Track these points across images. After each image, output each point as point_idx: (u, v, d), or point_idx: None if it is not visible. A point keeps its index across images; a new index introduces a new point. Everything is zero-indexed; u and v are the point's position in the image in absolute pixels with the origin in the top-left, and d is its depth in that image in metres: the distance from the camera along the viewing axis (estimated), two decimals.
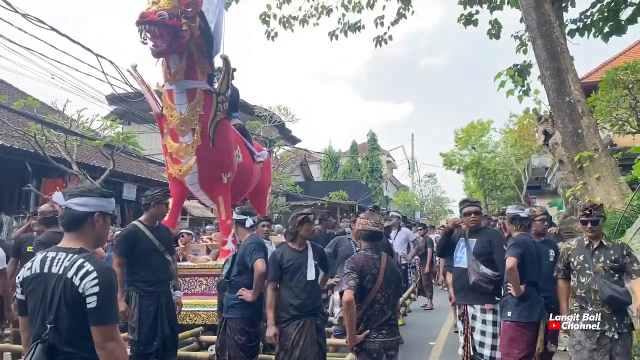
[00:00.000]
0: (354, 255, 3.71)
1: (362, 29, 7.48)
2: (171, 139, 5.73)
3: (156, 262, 4.51)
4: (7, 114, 11.99)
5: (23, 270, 2.22)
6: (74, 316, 2.06)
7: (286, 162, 25.06)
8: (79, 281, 2.06)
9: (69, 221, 2.22)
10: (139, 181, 16.19)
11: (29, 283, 2.17)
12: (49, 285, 2.10)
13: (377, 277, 3.46)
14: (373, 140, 42.45)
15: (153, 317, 4.38)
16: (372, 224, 3.62)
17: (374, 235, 3.62)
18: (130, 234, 4.56)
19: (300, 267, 4.13)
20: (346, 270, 3.47)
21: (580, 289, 3.94)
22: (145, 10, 5.01)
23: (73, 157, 11.57)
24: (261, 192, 7.75)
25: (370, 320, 3.44)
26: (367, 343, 3.42)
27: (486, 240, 4.55)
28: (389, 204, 43.28)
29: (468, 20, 7.88)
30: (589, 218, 3.92)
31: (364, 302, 3.43)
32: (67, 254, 2.15)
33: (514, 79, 7.48)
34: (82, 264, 2.10)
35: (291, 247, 4.27)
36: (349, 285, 3.36)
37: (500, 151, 26.59)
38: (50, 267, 2.13)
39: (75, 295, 2.05)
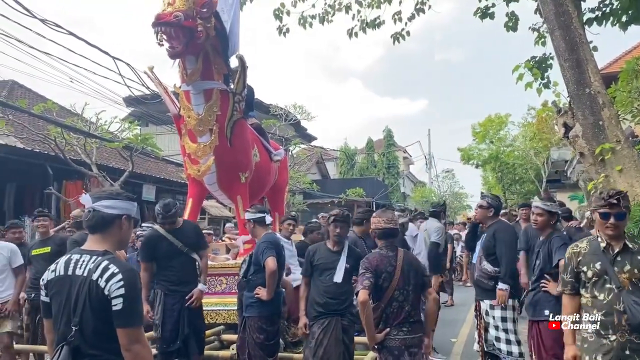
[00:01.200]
0: (368, 254, 3.69)
1: (381, 25, 7.39)
2: (189, 140, 5.77)
3: (179, 263, 4.65)
4: (27, 118, 12.18)
5: (47, 272, 2.23)
6: (99, 318, 2.08)
7: (302, 160, 25.07)
8: (105, 283, 2.08)
9: (96, 223, 2.24)
10: (158, 182, 16.33)
11: (53, 285, 2.19)
12: (74, 287, 2.12)
13: (394, 274, 3.43)
14: (389, 136, 42.26)
15: (177, 315, 4.48)
16: (384, 222, 3.60)
17: (387, 233, 3.61)
18: (148, 240, 4.78)
19: (330, 268, 4.14)
20: (361, 270, 3.47)
21: (598, 309, 2.87)
22: (160, 11, 5.05)
23: (93, 159, 11.71)
24: (279, 190, 7.77)
25: (389, 318, 3.43)
26: (388, 341, 3.40)
27: (490, 235, 4.55)
28: (406, 200, 43.10)
29: (484, 13, 7.77)
30: (614, 210, 2.88)
31: (382, 301, 3.42)
32: (91, 256, 2.17)
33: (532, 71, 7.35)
34: (107, 266, 2.12)
35: (327, 246, 4.31)
36: (364, 285, 3.35)
37: (518, 145, 26.25)
38: (74, 269, 2.15)
39: (101, 297, 2.07)
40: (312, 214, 19.61)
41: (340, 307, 4.11)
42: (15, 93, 16.30)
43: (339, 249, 4.25)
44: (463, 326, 8.19)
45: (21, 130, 12.02)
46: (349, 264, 4.17)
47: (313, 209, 22.58)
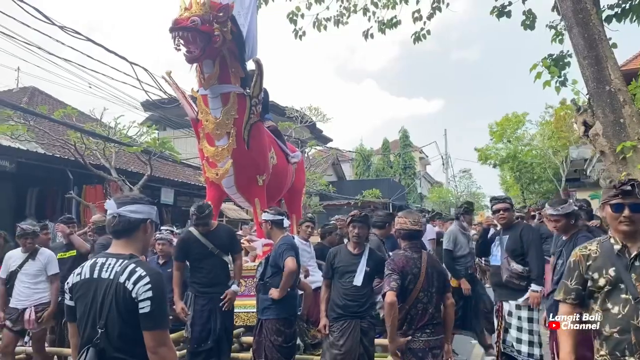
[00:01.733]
0: (393, 255, 3.68)
1: (398, 25, 7.35)
2: (207, 143, 5.82)
3: (210, 265, 4.79)
4: (48, 124, 12.37)
5: (72, 276, 2.26)
6: (125, 321, 2.10)
7: (318, 162, 25.10)
8: (132, 286, 2.10)
9: (122, 228, 2.26)
10: (176, 185, 16.47)
11: (78, 288, 2.21)
12: (100, 290, 2.14)
13: (419, 276, 3.44)
14: (405, 137, 42.11)
15: (207, 316, 4.58)
16: (410, 223, 3.60)
17: (413, 234, 3.61)
18: (183, 241, 4.93)
19: (350, 271, 4.14)
20: (387, 271, 3.47)
21: (611, 324, 2.38)
22: (177, 16, 5.10)
23: (112, 164, 11.85)
24: (296, 193, 7.79)
25: (413, 320, 3.43)
26: (412, 342, 3.41)
27: (517, 236, 4.49)
28: (423, 200, 42.88)
29: (501, 12, 7.69)
30: (628, 199, 2.41)
31: (407, 302, 3.43)
32: (117, 259, 2.20)
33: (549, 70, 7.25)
34: (134, 269, 2.14)
35: (347, 248, 4.32)
36: (391, 286, 3.35)
37: (536, 144, 25.98)
38: (100, 273, 2.17)
39: (128, 300, 2.09)
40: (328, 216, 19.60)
41: (360, 310, 4.11)
42: (35, 99, 16.59)
43: (360, 251, 4.25)
44: None
45: (42, 135, 12.21)
46: (369, 267, 4.16)
47: (329, 211, 22.57)
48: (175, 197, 16.42)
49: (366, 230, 4.38)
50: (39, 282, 5.23)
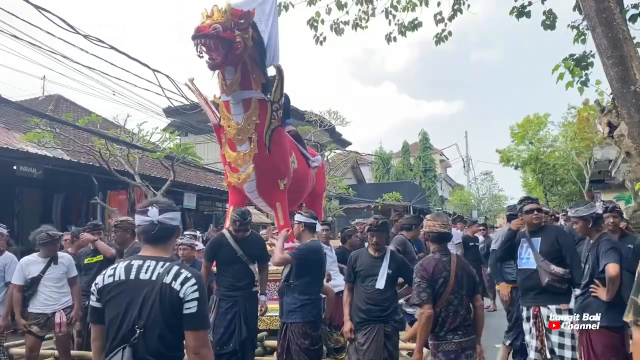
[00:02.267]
0: (422, 260, 3.68)
1: (419, 27, 7.33)
2: (229, 149, 5.89)
3: (236, 270, 4.86)
4: (73, 131, 12.60)
5: (102, 277, 2.25)
6: (166, 321, 2.13)
7: (338, 165, 25.09)
8: (180, 286, 2.14)
9: (161, 235, 2.29)
10: (199, 190, 16.64)
11: (110, 290, 2.20)
12: (139, 291, 2.15)
13: (449, 279, 3.45)
14: (425, 139, 41.88)
15: (230, 319, 4.62)
16: (439, 225, 3.61)
17: (442, 237, 3.62)
18: (214, 243, 5.06)
19: (371, 274, 4.15)
20: (416, 279, 3.49)
21: None
22: (200, 24, 5.18)
23: (135, 170, 12.01)
24: (316, 197, 7.82)
25: (445, 322, 3.45)
26: (444, 344, 3.43)
27: (552, 238, 4.38)
28: (444, 203, 42.54)
29: (520, 12, 7.63)
30: None
31: (437, 305, 3.44)
32: (157, 261, 2.23)
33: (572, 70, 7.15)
34: (179, 270, 2.19)
35: (368, 252, 4.33)
36: (422, 299, 3.40)
37: (559, 145, 25.64)
38: (137, 274, 2.19)
39: (175, 301, 2.13)
40: (348, 219, 19.59)
41: (383, 314, 4.11)
42: (61, 107, 16.94)
43: (381, 254, 4.25)
44: None
45: (67, 142, 12.45)
46: (391, 269, 4.16)
47: (349, 214, 22.57)
48: (198, 202, 16.59)
49: (384, 237, 4.38)
50: (63, 285, 5.33)
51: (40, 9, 7.67)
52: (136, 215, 2.35)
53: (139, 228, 2.33)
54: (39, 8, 7.65)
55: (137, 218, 2.33)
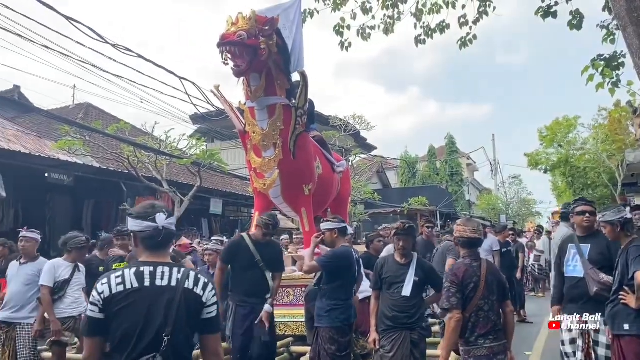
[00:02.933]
0: (453, 266, 3.68)
1: (447, 29, 7.25)
2: (255, 155, 5.92)
3: (253, 276, 4.79)
4: (102, 139, 12.87)
5: (106, 286, 2.11)
6: (190, 326, 2.17)
7: (363, 170, 25.01)
8: (202, 291, 2.19)
9: (166, 241, 2.28)
10: (225, 196, 16.79)
11: (121, 299, 2.10)
12: (159, 297, 2.12)
13: (479, 284, 3.45)
14: (451, 143, 41.43)
15: (248, 326, 4.58)
16: (470, 231, 3.60)
17: (473, 242, 3.62)
18: (233, 245, 5.00)
19: (398, 282, 4.12)
20: (446, 284, 3.48)
21: None
22: (225, 31, 5.23)
23: (163, 176, 12.18)
24: (342, 202, 7.79)
25: (475, 327, 3.43)
26: (476, 350, 3.41)
27: (603, 246, 4.18)
28: (471, 208, 42.01)
29: (546, 12, 7.49)
30: None
31: (467, 311, 3.43)
32: (170, 267, 2.20)
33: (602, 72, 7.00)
34: (197, 275, 2.23)
35: (395, 258, 4.30)
36: (452, 304, 3.39)
37: (589, 148, 25.06)
38: (152, 281, 2.13)
39: (198, 305, 2.18)
40: (374, 224, 19.49)
41: (410, 321, 4.06)
42: (90, 115, 17.33)
43: (407, 261, 4.21)
44: (537, 339, 7.87)
45: (97, 150, 12.72)
46: (418, 277, 4.12)
47: (375, 219, 22.45)
48: (224, 208, 16.75)
49: (411, 242, 4.31)
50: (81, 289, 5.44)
51: (71, 19, 7.86)
52: (135, 220, 2.25)
53: (143, 234, 2.23)
54: (69, 19, 7.83)
55: (137, 223, 2.24)
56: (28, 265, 5.39)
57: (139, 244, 2.27)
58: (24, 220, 10.89)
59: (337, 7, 7.06)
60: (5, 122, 12.83)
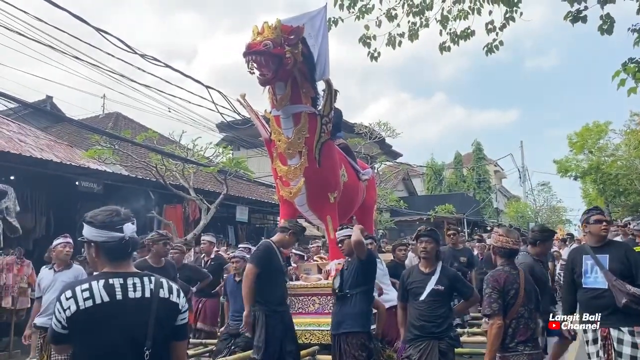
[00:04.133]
0: (493, 272, 3.68)
1: (472, 36, 7.19)
2: (280, 163, 5.95)
3: (282, 282, 4.84)
4: (131, 147, 13.10)
5: (72, 301, 1.96)
6: (165, 336, 2.12)
7: (388, 177, 24.90)
8: (177, 299, 2.17)
9: (133, 250, 2.21)
10: (250, 203, 16.88)
11: (91, 314, 1.96)
12: (135, 311, 2.03)
13: (519, 291, 3.48)
14: (478, 150, 40.95)
15: (279, 336, 4.57)
16: (512, 242, 3.68)
17: (513, 253, 3.72)
18: (268, 250, 4.86)
19: (422, 292, 4.11)
20: (487, 290, 3.52)
21: None
22: (251, 41, 5.28)
23: (190, 184, 12.31)
24: (367, 210, 7.76)
25: (515, 334, 3.45)
26: (515, 356, 3.44)
27: (621, 255, 4.12)
28: (499, 215, 41.38)
29: (575, 17, 7.34)
30: None
31: (508, 317, 3.46)
32: (140, 277, 2.11)
33: (634, 75, 6.82)
34: (168, 283, 2.19)
35: (419, 268, 4.30)
36: (494, 309, 3.43)
37: (621, 154, 24.50)
38: (124, 294, 2.03)
39: (174, 314, 2.15)
40: (400, 232, 19.39)
41: (437, 330, 4.02)
42: (120, 124, 17.67)
43: (431, 270, 4.19)
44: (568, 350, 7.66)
45: (126, 158, 12.94)
46: (443, 285, 4.08)
47: (401, 227, 22.32)
48: (250, 215, 16.82)
49: (434, 245, 4.26)
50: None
51: (101, 31, 8.05)
52: (98, 230, 2.11)
53: (107, 244, 2.10)
54: (99, 30, 8.03)
55: (102, 233, 2.10)
56: (64, 272, 5.49)
57: (100, 255, 2.11)
58: (55, 227, 11.14)
59: (362, 14, 7.05)
60: (38, 131, 13.16)
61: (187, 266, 6.95)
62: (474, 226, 29.84)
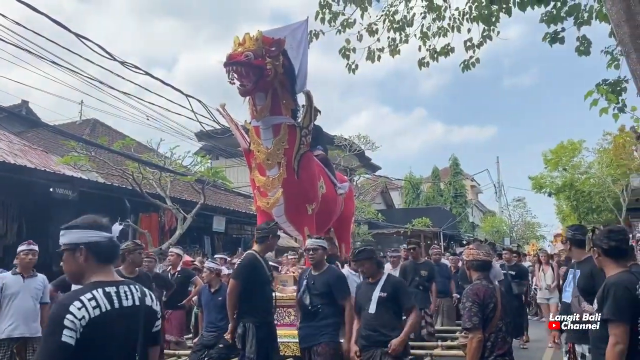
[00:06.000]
0: (472, 285, 3.71)
1: (451, 52, 7.34)
2: (259, 173, 5.94)
3: (269, 293, 4.81)
4: (107, 154, 12.94)
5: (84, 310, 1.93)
6: (146, 342, 2.14)
7: (367, 190, 25.03)
8: (157, 306, 2.21)
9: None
10: (228, 213, 16.78)
11: (98, 322, 1.94)
12: (129, 319, 2.05)
13: (497, 305, 3.52)
14: (455, 164, 41.47)
15: (268, 347, 4.57)
16: (483, 255, 3.74)
17: (486, 266, 3.74)
18: (251, 263, 4.77)
19: (367, 300, 4.27)
20: (467, 303, 3.53)
21: None
22: (232, 51, 5.30)
23: (167, 193, 12.21)
24: (345, 221, 7.78)
25: (494, 348, 3.48)
26: None
27: (588, 272, 4.21)
28: (475, 230, 41.83)
29: (553, 38, 7.55)
30: None
31: (487, 331, 3.48)
32: (128, 285, 2.13)
33: (606, 96, 7.00)
34: (149, 291, 2.22)
35: (366, 280, 4.48)
36: (474, 323, 3.44)
37: (594, 172, 25.01)
38: (120, 302, 2.03)
39: (155, 321, 2.19)
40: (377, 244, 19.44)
41: (383, 339, 4.13)
42: (97, 131, 17.46)
43: (375, 280, 4.35)
44: None
45: (102, 165, 12.78)
46: (386, 292, 4.21)
47: (378, 239, 22.39)
48: (227, 225, 16.71)
49: (370, 264, 4.41)
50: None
51: (80, 36, 7.98)
52: (87, 231, 2.10)
53: (98, 245, 2.08)
54: (78, 36, 7.95)
55: (92, 233, 2.09)
56: (33, 279, 5.38)
57: (89, 259, 2.07)
58: (28, 234, 10.90)
59: (343, 28, 7.14)
60: (12, 136, 12.92)
61: (159, 276, 6.89)
62: (450, 240, 30.11)
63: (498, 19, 7.04)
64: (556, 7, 6.99)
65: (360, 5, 7.05)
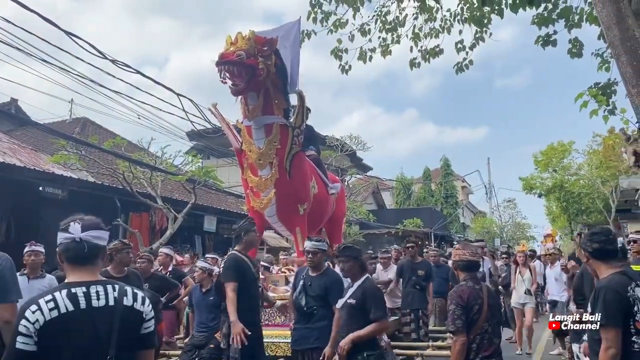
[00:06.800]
0: (456, 287, 3.68)
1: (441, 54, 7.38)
2: (251, 173, 5.92)
3: (255, 292, 4.77)
4: (98, 153, 12.86)
5: (38, 313, 1.92)
6: (130, 345, 2.09)
7: (358, 190, 25.05)
8: (142, 307, 2.13)
9: (91, 255, 2.12)
10: (219, 213, 16.73)
11: (57, 325, 1.92)
12: (98, 320, 2.01)
13: (483, 306, 3.48)
14: (446, 165, 41.64)
15: (253, 346, 4.53)
16: (469, 254, 3.68)
17: (472, 265, 3.69)
18: (239, 262, 4.75)
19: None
20: (451, 306, 3.50)
21: None
22: (224, 51, 5.27)
23: (158, 192, 12.13)
24: (336, 221, 7.78)
25: (480, 350, 3.46)
26: None
27: (580, 272, 4.30)
28: (466, 230, 42.02)
29: (546, 41, 7.61)
30: None
31: (472, 332, 3.45)
32: (104, 285, 2.08)
33: (597, 98, 7.06)
34: (133, 290, 2.15)
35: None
36: (458, 326, 3.40)
37: (584, 173, 25.21)
38: (88, 302, 2.00)
39: (139, 322, 2.11)
40: (368, 245, 19.47)
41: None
42: (87, 130, 17.35)
43: (353, 282, 4.23)
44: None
45: (92, 164, 12.70)
46: (355, 299, 4.03)
47: (369, 240, 22.42)
48: (218, 225, 16.67)
49: (352, 263, 4.20)
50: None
51: (70, 34, 7.92)
52: (58, 233, 2.13)
53: (60, 246, 2.10)
54: (69, 34, 7.89)
55: (59, 235, 2.12)
56: (39, 280, 5.32)
57: (65, 261, 2.10)
58: (17, 233, 10.82)
59: (335, 28, 7.15)
60: (1, 134, 12.80)
61: (155, 275, 6.81)
62: (440, 240, 30.22)
63: (490, 21, 7.09)
64: (547, 9, 7.05)
65: (352, 5, 7.07)
